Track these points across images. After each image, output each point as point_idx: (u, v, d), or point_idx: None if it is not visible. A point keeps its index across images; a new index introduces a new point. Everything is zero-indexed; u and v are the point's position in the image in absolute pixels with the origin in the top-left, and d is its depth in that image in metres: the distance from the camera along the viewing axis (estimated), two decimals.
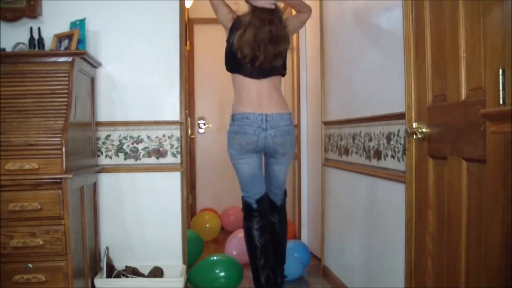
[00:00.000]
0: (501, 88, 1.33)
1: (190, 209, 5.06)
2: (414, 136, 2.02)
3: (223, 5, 2.89)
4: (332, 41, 3.43)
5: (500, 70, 1.33)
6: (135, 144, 3.14)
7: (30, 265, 2.37)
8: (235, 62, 2.80)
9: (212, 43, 5.61)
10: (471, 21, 1.62)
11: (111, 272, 2.87)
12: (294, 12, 3.04)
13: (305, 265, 3.71)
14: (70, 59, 2.64)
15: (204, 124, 5.69)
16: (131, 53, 3.14)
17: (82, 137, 2.77)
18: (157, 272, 2.98)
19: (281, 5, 2.87)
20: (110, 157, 3.13)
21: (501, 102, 1.33)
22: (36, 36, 2.94)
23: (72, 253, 2.41)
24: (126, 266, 2.99)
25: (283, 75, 2.89)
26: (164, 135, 3.16)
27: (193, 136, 5.62)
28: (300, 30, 4.43)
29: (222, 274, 3.13)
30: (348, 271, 3.11)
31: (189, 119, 5.11)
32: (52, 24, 3.02)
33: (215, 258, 3.28)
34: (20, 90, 2.57)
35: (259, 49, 2.69)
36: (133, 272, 2.94)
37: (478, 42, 1.57)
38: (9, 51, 2.89)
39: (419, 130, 1.98)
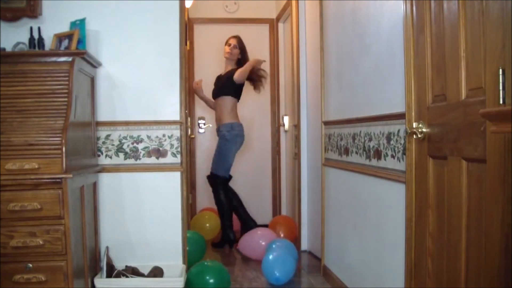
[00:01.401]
0: (501, 88, 1.34)
1: (190, 209, 5.06)
2: (414, 136, 2.02)
3: None
4: (332, 41, 3.43)
5: (500, 70, 1.33)
6: (135, 144, 3.14)
7: (30, 265, 2.37)
8: (239, 93, 4.63)
9: (212, 43, 5.61)
10: (471, 21, 1.62)
11: (111, 272, 2.87)
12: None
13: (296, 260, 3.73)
14: (70, 59, 2.63)
15: (204, 124, 5.69)
16: (131, 53, 3.14)
17: (82, 137, 2.77)
18: (157, 272, 2.98)
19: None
20: (110, 157, 3.13)
21: (501, 102, 1.33)
22: (36, 36, 2.93)
23: (72, 253, 2.41)
24: (126, 266, 2.99)
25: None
26: (164, 135, 3.16)
27: (193, 136, 5.61)
28: (300, 30, 4.45)
29: (211, 281, 3.15)
30: (348, 271, 3.11)
31: (189, 119, 5.10)
32: (52, 24, 3.01)
33: (205, 264, 3.30)
34: (20, 90, 2.56)
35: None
36: (133, 272, 2.94)
37: (478, 42, 1.57)
38: (9, 50, 2.89)
39: (419, 130, 1.98)
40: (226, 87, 4.57)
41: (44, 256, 2.39)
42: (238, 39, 4.70)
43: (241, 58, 4.68)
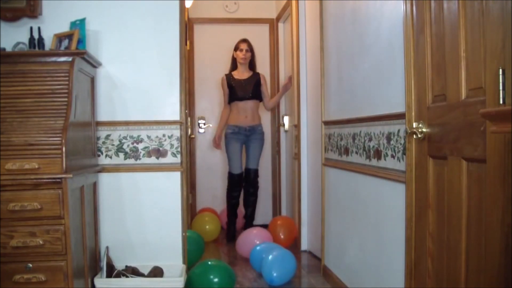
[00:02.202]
0: (501, 88, 1.34)
1: (190, 209, 5.06)
2: (414, 136, 2.02)
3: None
4: (332, 41, 3.43)
5: (500, 70, 1.33)
6: (135, 144, 3.14)
7: (30, 265, 2.37)
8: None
9: (212, 43, 5.62)
10: (471, 21, 1.62)
11: (111, 272, 2.87)
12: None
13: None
14: (70, 59, 2.63)
15: (204, 124, 5.69)
16: (131, 53, 3.14)
17: (82, 136, 2.77)
18: (157, 272, 2.98)
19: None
20: (110, 157, 3.13)
21: (501, 102, 1.33)
22: (36, 36, 2.93)
23: (72, 253, 2.41)
24: (126, 266, 2.99)
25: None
26: (164, 135, 3.16)
27: (193, 136, 5.61)
28: (300, 30, 4.45)
29: (216, 280, 3.13)
30: (348, 271, 3.11)
31: (189, 119, 5.10)
32: (52, 24, 3.01)
33: (209, 263, 3.29)
34: (20, 90, 2.56)
35: None
36: (133, 272, 2.94)
37: (478, 42, 1.57)
38: (9, 50, 2.89)
39: (419, 130, 1.98)
40: (256, 91, 4.95)
41: (44, 256, 2.39)
42: (248, 42, 4.95)
43: (252, 59, 5.00)
